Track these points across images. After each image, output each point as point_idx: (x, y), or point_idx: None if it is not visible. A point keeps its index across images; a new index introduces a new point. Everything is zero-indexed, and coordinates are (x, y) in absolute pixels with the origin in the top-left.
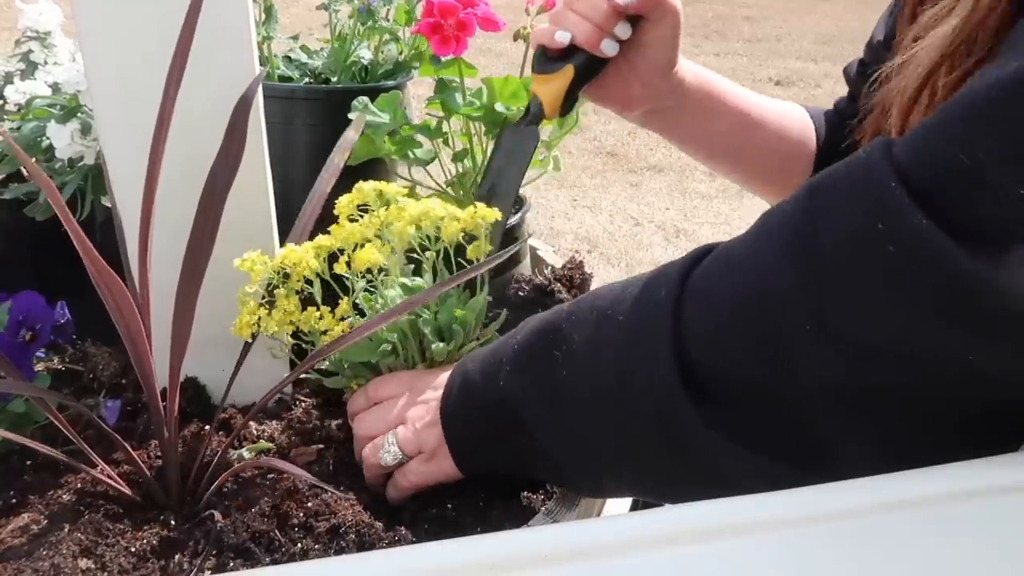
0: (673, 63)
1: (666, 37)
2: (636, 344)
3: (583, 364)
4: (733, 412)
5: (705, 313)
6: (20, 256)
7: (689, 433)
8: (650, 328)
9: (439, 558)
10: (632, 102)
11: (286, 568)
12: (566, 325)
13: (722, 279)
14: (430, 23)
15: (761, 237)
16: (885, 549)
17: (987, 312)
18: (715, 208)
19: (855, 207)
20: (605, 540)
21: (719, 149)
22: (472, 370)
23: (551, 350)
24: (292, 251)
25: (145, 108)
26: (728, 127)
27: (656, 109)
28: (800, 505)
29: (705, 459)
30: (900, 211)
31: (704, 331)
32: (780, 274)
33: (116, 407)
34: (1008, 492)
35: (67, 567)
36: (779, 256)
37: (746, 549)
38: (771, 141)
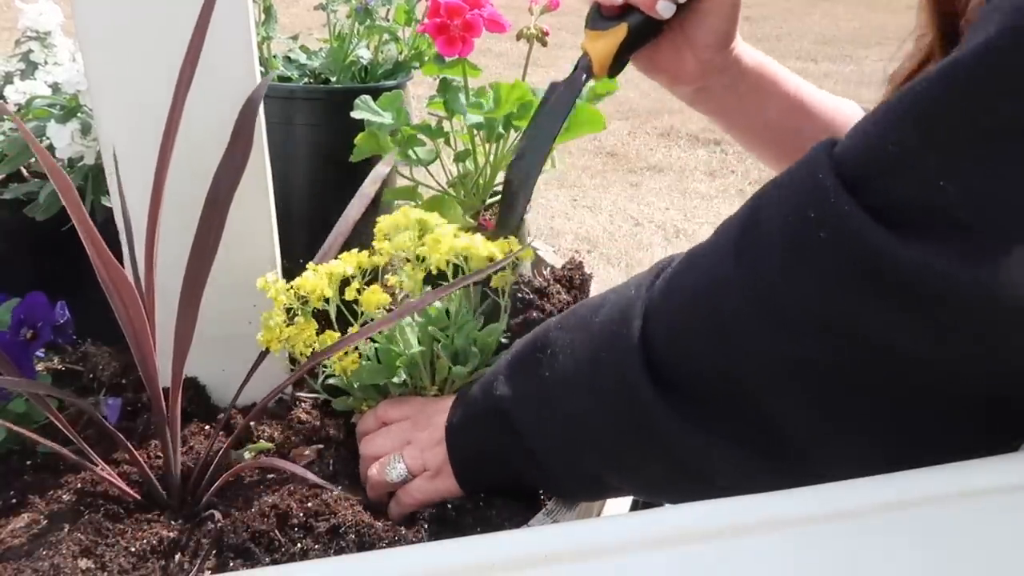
0: (730, 38)
1: (724, 8)
2: (609, 344)
3: (562, 366)
4: (703, 406)
5: (667, 311)
6: (20, 256)
7: (664, 431)
8: (620, 329)
9: (439, 558)
10: (684, 75)
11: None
12: (553, 332)
13: (682, 276)
14: (436, 23)
15: (717, 235)
16: (885, 549)
17: (917, 295)
18: (715, 208)
19: (792, 197)
20: (605, 540)
21: (768, 135)
22: (473, 389)
23: (536, 354)
24: (306, 280)
25: (145, 108)
26: (779, 113)
27: (708, 86)
28: (800, 505)
29: (683, 454)
30: (830, 198)
31: (666, 328)
32: (727, 263)
33: (117, 405)
34: (1008, 492)
35: (67, 567)
36: (727, 248)
37: (746, 549)
38: (821, 130)
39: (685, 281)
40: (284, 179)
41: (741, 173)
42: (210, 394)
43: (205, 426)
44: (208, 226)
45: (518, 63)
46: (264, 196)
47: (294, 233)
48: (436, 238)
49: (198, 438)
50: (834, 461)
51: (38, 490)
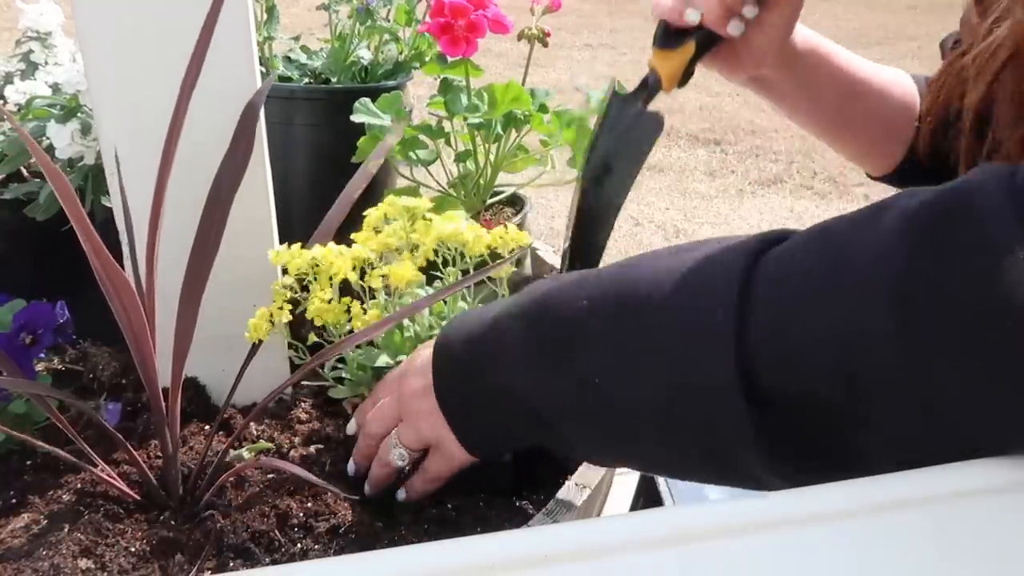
0: (789, 35)
1: (788, 15)
2: (691, 361)
3: (621, 375)
4: (795, 435)
5: (777, 337)
6: (20, 256)
7: (744, 452)
8: (709, 344)
9: (439, 558)
10: (740, 68)
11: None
12: (591, 321)
13: (799, 304)
14: (440, 23)
15: (847, 267)
16: (885, 549)
17: None
18: (715, 208)
19: (969, 270)
20: (605, 540)
21: (825, 114)
22: (459, 354)
23: (571, 351)
24: (329, 251)
25: (145, 108)
26: (835, 93)
27: (762, 75)
28: (800, 505)
29: (745, 469)
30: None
31: (774, 356)
32: (877, 320)
33: (117, 409)
34: (1008, 492)
35: (67, 567)
36: (875, 300)
37: (746, 549)
38: (875, 106)
39: (801, 308)
40: (284, 179)
41: (741, 173)
42: (210, 394)
43: (205, 426)
44: (209, 227)
45: (519, 63)
46: (264, 196)
47: (294, 233)
48: (427, 224)
49: (198, 438)
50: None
51: (38, 490)
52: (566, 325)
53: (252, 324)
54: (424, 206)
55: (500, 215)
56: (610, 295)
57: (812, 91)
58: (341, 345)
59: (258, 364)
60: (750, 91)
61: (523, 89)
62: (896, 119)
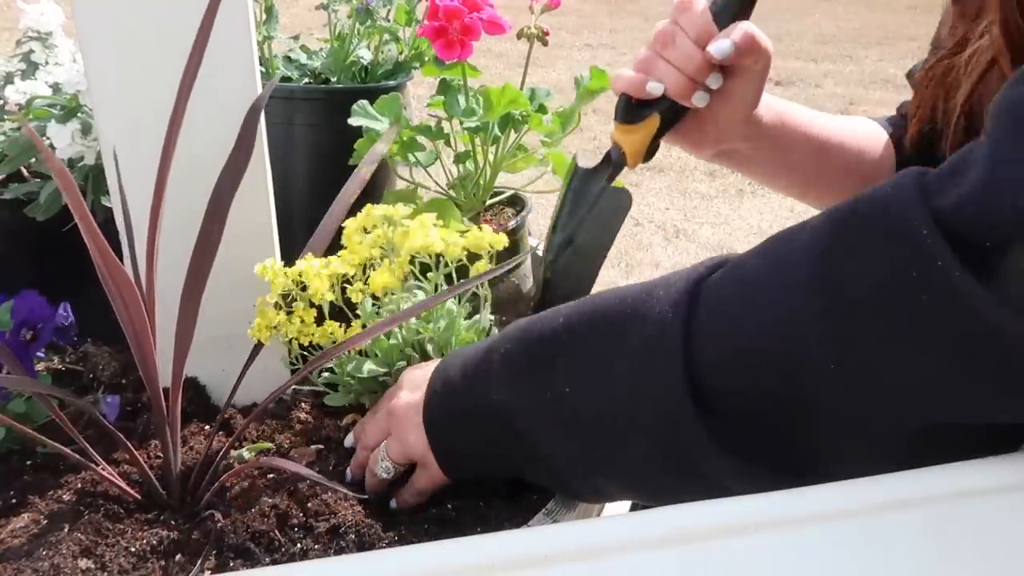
0: (755, 106)
1: (753, 83)
2: (645, 367)
3: (588, 382)
4: (743, 431)
5: (719, 338)
6: (20, 256)
7: (699, 453)
8: (660, 350)
9: (439, 558)
10: (706, 142)
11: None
12: (565, 337)
13: (738, 304)
14: (435, 27)
15: (781, 267)
16: (885, 549)
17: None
18: (715, 208)
19: (886, 252)
20: (605, 540)
21: (795, 178)
22: (454, 377)
23: (549, 364)
24: (311, 266)
25: (145, 108)
26: (803, 156)
27: (732, 148)
28: (800, 505)
29: (712, 475)
30: (935, 261)
31: (718, 356)
32: (804, 311)
33: (116, 403)
34: (1008, 492)
35: (67, 567)
36: (803, 292)
37: (746, 549)
38: (851, 164)
39: (740, 312)
40: (284, 179)
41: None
42: (210, 394)
43: (205, 426)
44: (210, 227)
45: (518, 63)
46: (264, 197)
47: (294, 233)
48: (405, 231)
49: (198, 438)
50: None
51: (38, 490)
52: (545, 342)
53: (257, 323)
54: (401, 213)
55: (500, 216)
56: (585, 312)
57: (783, 158)
58: (330, 353)
59: (258, 365)
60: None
61: (519, 91)
62: (873, 173)
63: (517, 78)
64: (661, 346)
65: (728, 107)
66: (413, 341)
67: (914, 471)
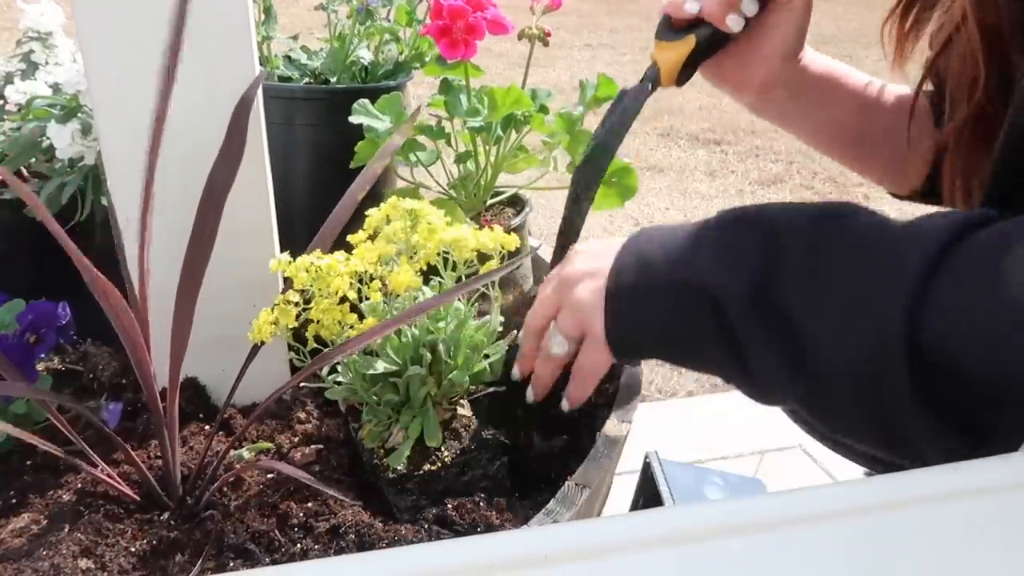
0: (798, 50)
1: (794, 20)
2: (874, 292)
3: (805, 295)
4: (945, 388)
5: (954, 323)
6: (20, 256)
7: (899, 405)
8: (895, 286)
9: (439, 558)
10: (750, 85)
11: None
12: (787, 241)
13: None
14: (439, 26)
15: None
16: (885, 549)
17: None
18: (715, 208)
19: None
20: (605, 540)
21: (836, 136)
22: (650, 250)
23: (768, 259)
24: (335, 263)
25: (145, 109)
26: (846, 114)
27: (772, 96)
28: (800, 505)
29: (901, 427)
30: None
31: (948, 319)
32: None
33: (118, 410)
34: (1008, 492)
35: (67, 567)
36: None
37: (746, 549)
38: (892, 126)
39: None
40: (284, 179)
41: (741, 173)
42: (209, 394)
43: (205, 426)
44: (203, 225)
45: (519, 63)
46: (264, 196)
47: (294, 233)
48: (431, 228)
49: (198, 438)
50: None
51: (38, 490)
52: (769, 236)
53: (256, 326)
54: (427, 210)
55: (501, 216)
56: (831, 220)
57: (826, 112)
58: (340, 349)
59: (258, 365)
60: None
61: (523, 92)
62: (914, 138)
63: (517, 78)
64: (895, 283)
65: (768, 43)
66: (425, 340)
67: (914, 471)
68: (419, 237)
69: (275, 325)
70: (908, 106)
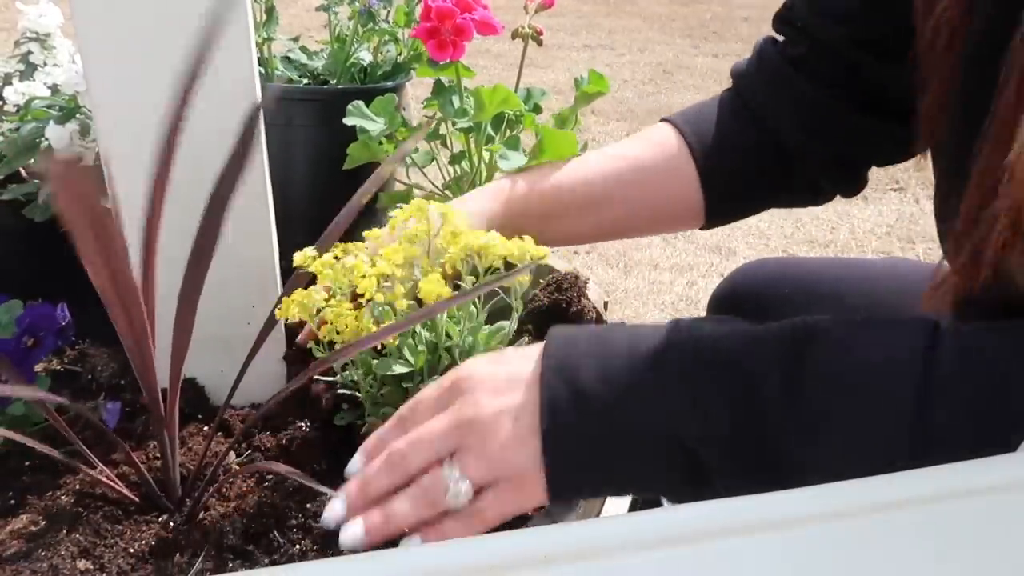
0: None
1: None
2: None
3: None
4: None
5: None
6: (19, 257)
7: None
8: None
9: (439, 558)
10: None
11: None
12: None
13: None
14: (427, 27)
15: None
16: (885, 549)
17: None
18: None
19: None
20: (605, 540)
21: (589, 235)
22: (588, 383)
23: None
24: (361, 263)
25: (144, 109)
26: (579, 221)
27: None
28: (800, 505)
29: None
30: None
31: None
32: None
33: (116, 410)
34: (1008, 492)
35: (66, 568)
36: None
37: (746, 549)
38: (631, 210)
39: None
40: (283, 180)
41: None
42: (208, 395)
43: (203, 427)
44: (208, 228)
45: (516, 63)
46: (263, 197)
47: (294, 234)
48: (454, 232)
49: (196, 439)
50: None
51: (37, 491)
52: (739, 377)
53: (285, 303)
54: (453, 212)
55: None
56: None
57: (561, 232)
58: (345, 351)
59: (256, 365)
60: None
61: (511, 91)
62: (661, 200)
63: (514, 78)
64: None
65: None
66: (443, 344)
67: (914, 471)
68: (443, 241)
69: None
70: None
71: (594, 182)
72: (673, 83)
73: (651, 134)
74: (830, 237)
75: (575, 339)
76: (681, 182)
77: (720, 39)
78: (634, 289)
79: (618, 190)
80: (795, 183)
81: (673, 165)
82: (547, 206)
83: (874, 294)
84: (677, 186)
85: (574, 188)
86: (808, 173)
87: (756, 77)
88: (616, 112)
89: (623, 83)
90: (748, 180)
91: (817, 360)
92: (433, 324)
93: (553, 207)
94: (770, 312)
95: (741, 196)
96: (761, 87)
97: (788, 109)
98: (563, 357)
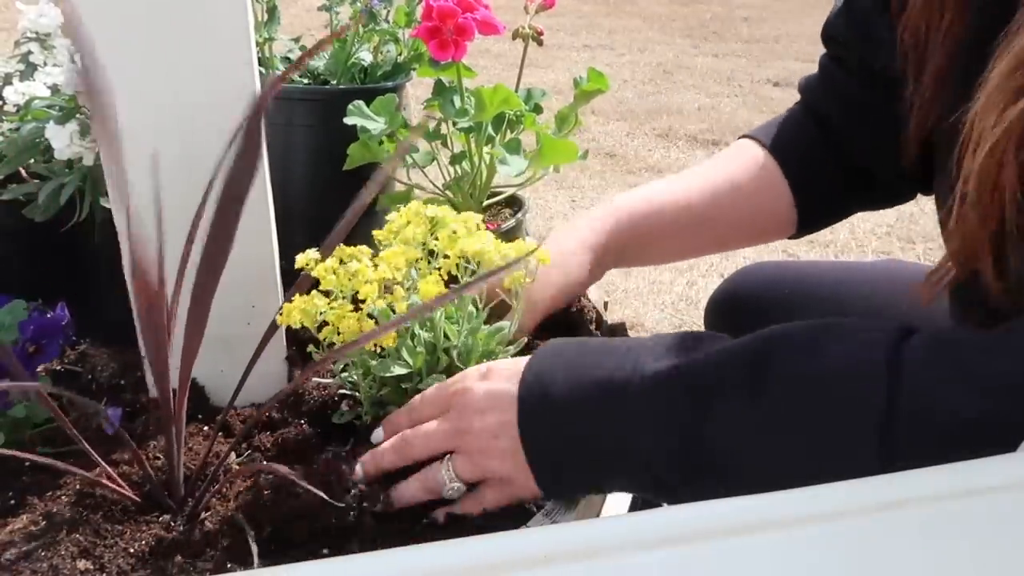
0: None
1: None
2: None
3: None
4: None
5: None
6: (19, 257)
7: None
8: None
9: (439, 558)
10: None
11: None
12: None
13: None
14: (429, 27)
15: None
16: (885, 549)
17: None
18: None
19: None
20: (605, 540)
21: (696, 253)
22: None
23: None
24: (365, 268)
25: (144, 109)
26: (681, 248)
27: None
28: (800, 505)
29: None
30: None
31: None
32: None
33: (118, 415)
34: (1008, 492)
35: (66, 568)
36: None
37: (746, 549)
38: (733, 228)
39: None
40: (284, 180)
41: None
42: (208, 395)
43: (204, 427)
44: (218, 232)
45: (516, 63)
46: (264, 197)
47: (294, 234)
48: (451, 235)
49: (196, 439)
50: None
51: (37, 491)
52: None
53: (286, 309)
54: (449, 216)
55: (498, 216)
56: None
57: (661, 256)
58: (343, 350)
59: (259, 365)
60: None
61: (511, 91)
62: (757, 215)
63: (515, 79)
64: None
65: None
66: (442, 345)
67: (914, 471)
68: (440, 245)
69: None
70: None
71: (694, 207)
72: (673, 83)
73: (739, 152)
74: (830, 237)
75: (561, 350)
76: (774, 197)
77: (720, 39)
78: (634, 289)
79: (717, 211)
80: (876, 194)
81: (766, 182)
82: (652, 235)
83: (873, 296)
84: (771, 201)
85: (677, 216)
86: (885, 179)
87: (820, 91)
88: (616, 112)
89: (623, 83)
90: (835, 191)
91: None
92: (432, 325)
93: (657, 237)
94: (770, 314)
95: (830, 206)
96: (828, 102)
97: (855, 122)
98: (541, 370)
